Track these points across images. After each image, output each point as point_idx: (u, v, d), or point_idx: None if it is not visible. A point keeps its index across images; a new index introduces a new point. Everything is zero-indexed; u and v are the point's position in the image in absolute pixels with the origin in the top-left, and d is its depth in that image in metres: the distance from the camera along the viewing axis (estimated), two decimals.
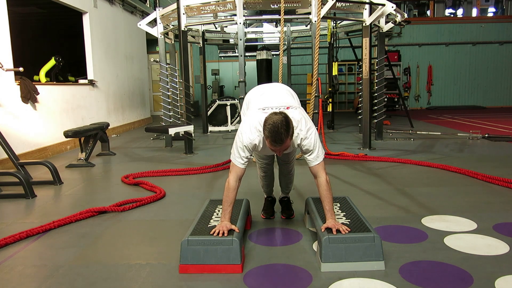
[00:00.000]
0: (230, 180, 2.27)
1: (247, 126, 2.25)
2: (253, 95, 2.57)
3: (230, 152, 2.37)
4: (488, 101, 14.36)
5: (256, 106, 2.36)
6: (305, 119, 2.26)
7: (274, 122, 2.03)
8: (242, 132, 2.25)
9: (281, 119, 2.05)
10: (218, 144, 6.95)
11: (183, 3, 5.57)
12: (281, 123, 2.04)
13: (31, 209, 3.36)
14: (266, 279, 2.01)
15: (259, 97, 2.45)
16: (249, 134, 2.23)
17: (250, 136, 2.23)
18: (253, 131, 2.22)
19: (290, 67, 8.93)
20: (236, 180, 2.27)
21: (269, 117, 2.08)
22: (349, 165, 4.76)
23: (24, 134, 5.40)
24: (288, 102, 2.35)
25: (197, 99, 13.79)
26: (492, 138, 6.58)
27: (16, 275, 2.14)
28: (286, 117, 2.08)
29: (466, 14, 14.64)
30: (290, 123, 2.08)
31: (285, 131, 2.05)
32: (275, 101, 2.34)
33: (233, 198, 2.26)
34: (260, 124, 2.19)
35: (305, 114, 2.31)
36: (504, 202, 3.23)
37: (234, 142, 2.30)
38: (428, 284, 1.92)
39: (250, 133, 2.22)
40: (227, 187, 2.27)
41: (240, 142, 2.25)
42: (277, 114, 2.09)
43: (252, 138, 2.22)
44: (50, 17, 9.45)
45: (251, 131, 2.22)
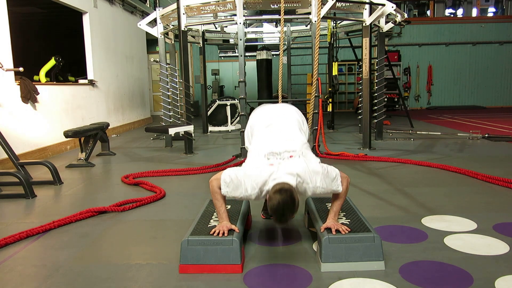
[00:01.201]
0: (214, 186, 2.20)
1: (249, 181, 2.10)
2: (258, 121, 2.45)
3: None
4: (488, 101, 14.36)
5: (260, 146, 2.21)
6: (307, 168, 2.09)
7: (279, 202, 1.93)
8: (244, 182, 2.10)
9: (286, 198, 1.93)
10: (218, 144, 6.95)
11: (183, 3, 5.57)
12: (286, 203, 1.93)
13: (31, 209, 3.36)
14: (266, 279, 2.01)
15: (265, 131, 2.32)
16: (249, 190, 2.10)
17: (248, 192, 2.10)
18: (254, 188, 2.10)
19: (290, 67, 8.92)
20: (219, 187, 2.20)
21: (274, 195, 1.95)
22: (349, 165, 4.76)
23: (24, 134, 5.40)
24: (292, 144, 2.19)
25: (197, 99, 13.79)
26: (492, 138, 6.58)
27: (16, 275, 2.14)
28: (292, 194, 1.95)
29: (466, 14, 14.64)
30: (295, 200, 1.96)
31: (290, 211, 1.97)
32: (280, 144, 2.17)
33: (222, 199, 2.22)
34: (262, 181, 2.07)
35: (308, 158, 2.16)
36: (504, 202, 3.23)
37: (235, 176, 2.13)
38: (428, 284, 1.92)
39: (250, 189, 2.10)
40: (212, 191, 2.21)
41: (237, 187, 2.12)
42: (283, 190, 1.94)
43: (249, 194, 2.12)
44: (50, 17, 9.45)
45: (252, 187, 2.09)
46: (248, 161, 2.25)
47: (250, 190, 2.10)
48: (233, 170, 2.19)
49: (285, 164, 2.09)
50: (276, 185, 2.01)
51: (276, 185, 2.01)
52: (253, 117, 2.57)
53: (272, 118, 2.45)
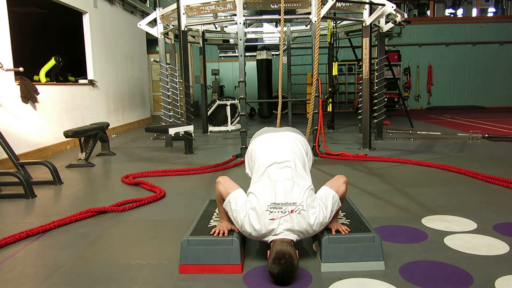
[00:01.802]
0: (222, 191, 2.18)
1: (248, 226, 2.05)
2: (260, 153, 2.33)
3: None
4: (488, 101, 14.36)
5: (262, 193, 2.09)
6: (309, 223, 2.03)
7: (279, 273, 1.90)
8: (243, 223, 2.06)
9: (286, 269, 1.89)
10: (218, 144, 6.95)
11: (183, 3, 5.57)
12: (286, 273, 1.91)
13: (31, 209, 3.36)
14: (266, 279, 2.01)
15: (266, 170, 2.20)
16: (248, 229, 2.06)
17: (248, 230, 2.07)
18: (251, 234, 2.07)
19: (290, 67, 8.92)
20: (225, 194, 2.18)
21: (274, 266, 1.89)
22: (349, 165, 4.76)
23: (24, 134, 5.40)
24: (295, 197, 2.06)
25: (197, 99, 13.79)
26: (492, 138, 6.58)
27: (16, 275, 2.14)
28: (292, 262, 1.90)
29: (466, 14, 14.64)
30: (295, 266, 1.92)
31: (290, 278, 1.96)
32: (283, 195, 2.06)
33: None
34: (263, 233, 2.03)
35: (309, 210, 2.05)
36: (504, 202, 3.23)
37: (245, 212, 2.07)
38: (428, 284, 1.92)
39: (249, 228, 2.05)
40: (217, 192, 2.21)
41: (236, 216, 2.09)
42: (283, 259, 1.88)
43: (242, 230, 2.10)
44: (50, 17, 9.45)
45: (250, 231, 2.06)
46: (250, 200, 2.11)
47: (248, 229, 2.06)
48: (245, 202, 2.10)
49: (285, 221, 2.02)
50: (277, 247, 1.93)
51: (277, 246, 1.94)
52: (254, 145, 2.43)
53: (274, 154, 2.27)
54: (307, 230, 2.04)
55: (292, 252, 1.92)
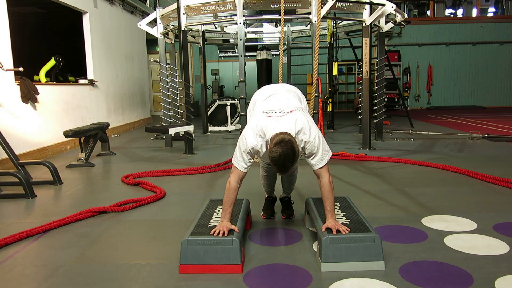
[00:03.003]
0: (232, 181, 2.26)
1: (250, 131, 2.22)
2: (260, 96, 2.55)
3: (233, 154, 2.35)
4: (488, 101, 14.36)
5: (261, 109, 2.34)
6: (308, 121, 2.23)
7: (281, 154, 1.97)
8: (246, 137, 2.23)
9: (287, 150, 1.98)
10: (218, 144, 6.95)
11: (183, 3, 5.57)
12: (287, 155, 1.98)
13: (31, 209, 3.36)
14: (266, 279, 2.01)
15: (265, 100, 2.42)
16: (252, 140, 2.20)
17: (253, 142, 2.20)
18: (257, 136, 2.20)
19: (290, 67, 8.92)
20: (237, 181, 2.27)
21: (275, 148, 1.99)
22: (349, 165, 4.76)
23: (24, 134, 5.40)
24: (292, 104, 2.31)
25: (197, 99, 13.79)
26: (492, 138, 6.58)
27: (16, 275, 2.15)
28: (292, 145, 2.00)
29: (466, 14, 14.64)
30: (296, 151, 2.01)
31: (291, 162, 2.01)
32: (280, 104, 2.31)
33: (234, 198, 2.26)
34: (263, 130, 2.18)
35: (308, 117, 2.29)
36: (504, 202, 3.23)
37: (237, 145, 2.27)
38: (428, 284, 1.92)
39: (254, 138, 2.20)
40: (228, 188, 2.26)
41: (244, 146, 2.23)
42: (283, 142, 1.99)
43: (254, 144, 2.20)
44: (50, 17, 9.45)
45: (255, 136, 2.20)
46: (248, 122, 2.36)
47: (254, 141, 2.18)
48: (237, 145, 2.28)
49: (284, 117, 2.19)
50: (276, 136, 2.07)
51: (276, 135, 2.08)
52: (255, 95, 2.62)
53: (272, 90, 2.52)
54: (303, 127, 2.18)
55: (292, 139, 2.04)
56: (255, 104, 2.55)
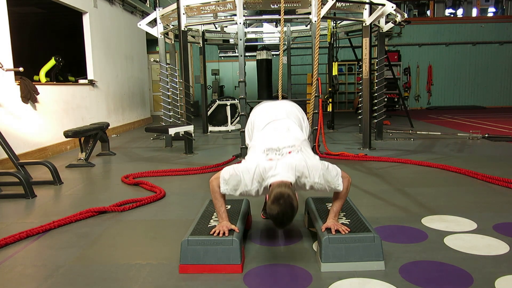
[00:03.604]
0: (214, 185, 2.20)
1: (247, 176, 2.10)
2: (258, 118, 2.46)
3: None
4: (488, 101, 14.36)
5: (260, 144, 2.22)
6: (306, 164, 2.09)
7: (279, 213, 1.92)
8: (243, 178, 2.11)
9: (285, 209, 1.91)
10: (218, 144, 6.95)
11: (183, 3, 5.57)
12: (285, 213, 1.92)
13: (31, 209, 3.36)
14: (266, 279, 2.01)
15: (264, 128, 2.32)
16: (248, 184, 2.10)
17: (248, 186, 2.10)
18: (254, 181, 2.10)
19: (290, 67, 8.92)
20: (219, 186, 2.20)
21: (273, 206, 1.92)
22: (349, 165, 4.76)
23: (24, 134, 5.40)
24: (292, 137, 2.19)
25: (197, 99, 13.79)
26: (492, 138, 6.58)
27: (16, 275, 2.14)
28: (291, 202, 1.92)
29: (466, 14, 14.64)
30: (294, 207, 1.94)
31: (289, 220, 1.97)
32: (279, 139, 2.18)
33: (222, 198, 2.22)
34: (262, 176, 2.08)
35: (307, 154, 2.15)
36: (504, 202, 3.23)
37: (234, 171, 2.13)
38: (428, 284, 1.92)
39: (250, 183, 2.10)
40: (212, 190, 2.21)
41: (237, 182, 2.12)
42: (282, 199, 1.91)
43: (249, 189, 2.11)
44: (50, 17, 9.45)
45: (251, 181, 2.10)
46: (247, 157, 2.27)
47: (249, 185, 2.10)
48: (231, 167, 2.19)
49: (284, 160, 2.09)
50: (275, 188, 1.97)
51: (275, 187, 1.98)
52: (254, 114, 2.57)
53: (272, 115, 2.44)
54: (303, 172, 2.06)
55: (291, 193, 1.95)
56: (253, 126, 2.47)
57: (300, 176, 2.07)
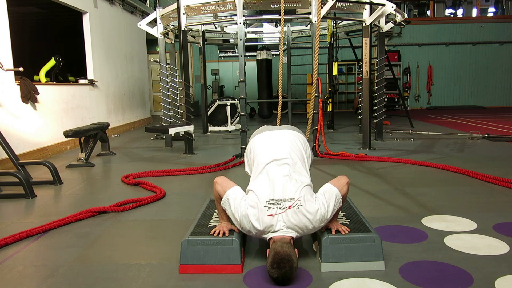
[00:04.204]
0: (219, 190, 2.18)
1: (247, 223, 2.05)
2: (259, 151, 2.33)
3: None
4: (488, 101, 14.36)
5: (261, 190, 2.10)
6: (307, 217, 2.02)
7: (278, 276, 1.90)
8: (242, 222, 2.07)
9: (285, 272, 1.89)
10: (218, 144, 6.95)
11: (183, 3, 5.57)
12: (285, 275, 1.90)
13: (31, 209, 3.36)
14: (266, 279, 2.01)
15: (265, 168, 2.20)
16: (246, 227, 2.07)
17: (246, 228, 2.08)
18: (253, 228, 2.06)
19: (290, 67, 8.92)
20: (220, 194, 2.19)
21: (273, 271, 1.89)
22: (349, 165, 4.76)
23: (24, 134, 5.40)
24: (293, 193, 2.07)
25: (197, 99, 13.79)
26: (492, 138, 6.58)
27: (16, 275, 2.14)
28: (291, 265, 1.89)
29: (466, 14, 14.64)
30: (294, 267, 1.91)
31: (290, 280, 1.95)
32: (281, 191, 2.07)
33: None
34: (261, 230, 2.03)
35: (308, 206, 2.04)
36: (504, 202, 3.23)
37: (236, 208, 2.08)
38: (428, 284, 1.92)
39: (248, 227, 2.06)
40: (215, 192, 2.21)
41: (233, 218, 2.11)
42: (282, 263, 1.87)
43: (247, 230, 2.09)
44: (50, 17, 9.45)
45: (251, 227, 2.06)
46: (249, 199, 2.11)
47: (246, 230, 2.08)
48: (239, 198, 2.10)
49: (284, 217, 2.02)
50: (276, 249, 1.91)
51: (276, 247, 1.92)
52: (254, 144, 2.42)
53: (273, 152, 2.27)
54: (306, 225, 2.03)
55: (292, 254, 1.91)
56: (253, 158, 2.34)
57: (303, 229, 2.05)
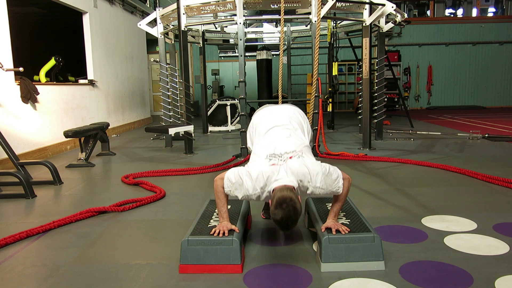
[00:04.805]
0: (219, 185, 2.20)
1: (249, 182, 2.11)
2: (260, 122, 2.47)
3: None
4: (488, 101, 14.36)
5: (262, 148, 2.25)
6: (308, 169, 2.10)
7: (283, 218, 1.93)
8: (245, 183, 2.12)
9: (288, 213, 1.92)
10: (218, 144, 6.95)
11: (183, 3, 5.57)
12: (289, 217, 1.93)
13: (31, 209, 3.36)
14: (266, 279, 2.01)
15: (266, 133, 2.34)
16: (250, 190, 2.11)
17: (249, 191, 2.11)
18: (256, 187, 2.11)
19: (290, 67, 8.92)
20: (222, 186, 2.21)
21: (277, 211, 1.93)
22: (349, 165, 4.76)
23: (24, 134, 5.40)
24: (293, 143, 2.21)
25: (197, 99, 13.79)
26: (492, 138, 6.58)
27: (16, 275, 2.14)
28: (294, 206, 1.93)
29: (466, 14, 14.64)
30: (298, 210, 1.95)
31: (294, 223, 1.97)
32: (281, 144, 2.20)
33: (225, 198, 2.22)
34: (265, 182, 2.09)
35: (308, 159, 2.17)
36: (504, 202, 3.23)
37: (238, 174, 2.14)
38: (428, 284, 1.92)
39: (252, 188, 2.11)
40: (216, 189, 2.21)
41: (239, 186, 2.13)
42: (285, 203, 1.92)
43: (250, 193, 2.12)
44: (50, 17, 9.45)
45: (253, 187, 2.10)
46: (250, 162, 2.28)
47: (251, 190, 2.11)
48: (237, 169, 2.20)
49: (285, 166, 2.11)
50: (277, 193, 1.98)
51: (277, 191, 2.00)
52: (256, 118, 2.58)
53: (274, 120, 2.45)
54: (305, 177, 2.08)
55: (294, 197, 1.96)
56: (255, 130, 2.48)
57: (303, 180, 2.08)
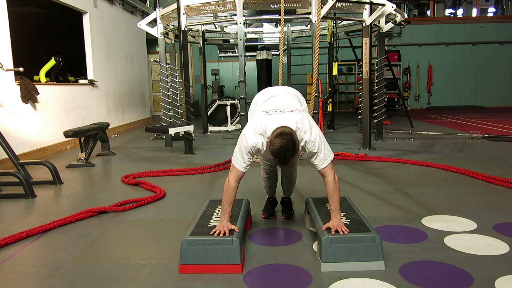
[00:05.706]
0: (230, 180, 2.26)
1: (250, 130, 2.24)
2: (260, 97, 2.58)
3: (232, 153, 2.35)
4: (488, 101, 14.36)
5: (261, 109, 2.39)
6: (309, 121, 2.25)
7: (281, 146, 2.00)
8: (246, 136, 2.24)
9: (287, 142, 2.01)
10: (218, 144, 6.95)
11: (183, 3, 5.57)
12: (287, 147, 2.00)
13: (31, 209, 3.36)
14: (266, 279, 2.01)
15: (266, 101, 2.46)
16: (253, 138, 2.22)
17: (253, 140, 2.22)
18: (257, 135, 2.21)
19: (290, 67, 8.92)
20: (236, 181, 2.27)
21: (276, 140, 2.03)
22: (349, 165, 4.76)
23: (24, 134, 5.40)
24: (293, 105, 2.35)
25: (197, 99, 13.78)
26: (492, 138, 6.58)
27: (16, 275, 2.14)
28: (293, 137, 2.03)
29: (466, 14, 14.64)
30: (296, 143, 2.05)
31: (291, 154, 2.03)
32: (280, 104, 2.34)
33: (233, 198, 2.26)
34: (263, 128, 2.19)
35: (309, 117, 2.30)
36: (504, 202, 3.23)
37: (237, 144, 2.29)
38: (428, 284, 1.92)
39: (254, 137, 2.22)
40: (226, 187, 2.26)
41: (243, 145, 2.24)
42: (284, 134, 2.03)
43: (255, 142, 2.22)
44: (50, 17, 9.44)
45: (255, 135, 2.22)
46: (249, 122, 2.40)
47: (254, 139, 2.20)
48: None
49: (285, 114, 2.23)
50: (277, 129, 2.09)
51: (277, 128, 2.10)
52: (256, 97, 2.66)
53: (273, 92, 2.56)
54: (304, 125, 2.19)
55: (292, 131, 2.07)
56: (256, 105, 2.57)
57: (300, 129, 2.17)
